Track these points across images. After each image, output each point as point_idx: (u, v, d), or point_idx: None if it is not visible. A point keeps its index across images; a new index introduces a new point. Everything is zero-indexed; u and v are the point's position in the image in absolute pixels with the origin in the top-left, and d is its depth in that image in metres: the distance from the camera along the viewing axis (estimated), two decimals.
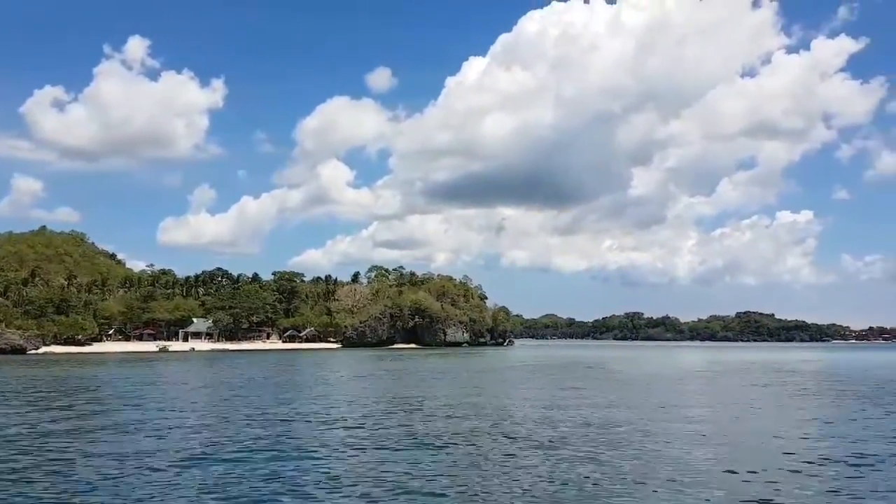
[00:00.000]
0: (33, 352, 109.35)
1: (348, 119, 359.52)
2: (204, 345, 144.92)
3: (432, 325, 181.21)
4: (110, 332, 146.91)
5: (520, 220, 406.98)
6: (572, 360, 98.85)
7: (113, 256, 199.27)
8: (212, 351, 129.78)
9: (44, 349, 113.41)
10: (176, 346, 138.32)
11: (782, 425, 29.57)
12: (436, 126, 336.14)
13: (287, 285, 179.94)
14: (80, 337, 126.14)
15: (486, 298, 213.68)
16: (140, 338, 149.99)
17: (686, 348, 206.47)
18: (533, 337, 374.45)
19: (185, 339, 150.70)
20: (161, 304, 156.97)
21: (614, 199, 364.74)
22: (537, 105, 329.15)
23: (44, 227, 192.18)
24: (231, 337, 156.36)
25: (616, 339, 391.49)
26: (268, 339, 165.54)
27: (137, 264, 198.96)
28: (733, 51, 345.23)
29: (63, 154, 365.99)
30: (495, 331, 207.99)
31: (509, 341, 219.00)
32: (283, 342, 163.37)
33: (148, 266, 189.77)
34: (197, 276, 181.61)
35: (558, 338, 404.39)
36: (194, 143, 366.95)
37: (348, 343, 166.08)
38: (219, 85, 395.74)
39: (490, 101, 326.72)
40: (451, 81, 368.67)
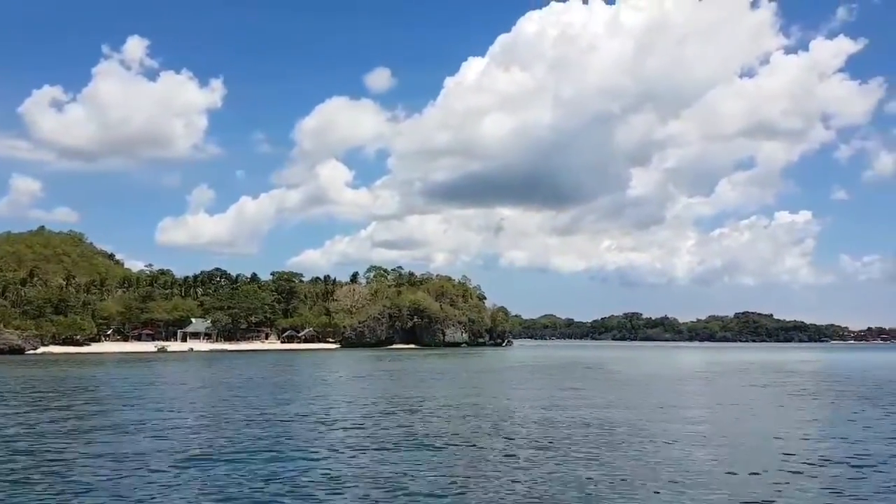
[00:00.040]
0: (32, 352, 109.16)
1: (347, 119, 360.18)
2: (202, 345, 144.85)
3: (431, 326, 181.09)
4: (109, 332, 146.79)
5: (518, 220, 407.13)
6: (571, 361, 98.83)
7: (111, 256, 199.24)
8: (210, 351, 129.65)
9: (42, 349, 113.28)
10: (174, 346, 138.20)
11: (782, 426, 29.55)
12: (434, 126, 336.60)
13: (286, 285, 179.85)
14: (78, 337, 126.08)
15: (485, 299, 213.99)
16: (138, 338, 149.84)
17: (685, 349, 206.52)
18: (532, 337, 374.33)
19: (184, 340, 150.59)
20: (159, 304, 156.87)
21: (613, 200, 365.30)
22: (536, 105, 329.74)
23: (42, 227, 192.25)
24: (230, 337, 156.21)
25: (615, 339, 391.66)
26: (266, 339, 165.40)
27: (136, 264, 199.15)
28: (732, 51, 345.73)
29: (61, 154, 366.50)
30: (494, 331, 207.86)
31: (508, 342, 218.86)
32: (282, 342, 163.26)
33: (146, 266, 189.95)
34: (195, 277, 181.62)
35: (557, 338, 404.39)
36: (193, 143, 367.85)
37: (347, 343, 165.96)
38: (217, 85, 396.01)
39: (489, 101, 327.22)
40: (449, 82, 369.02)
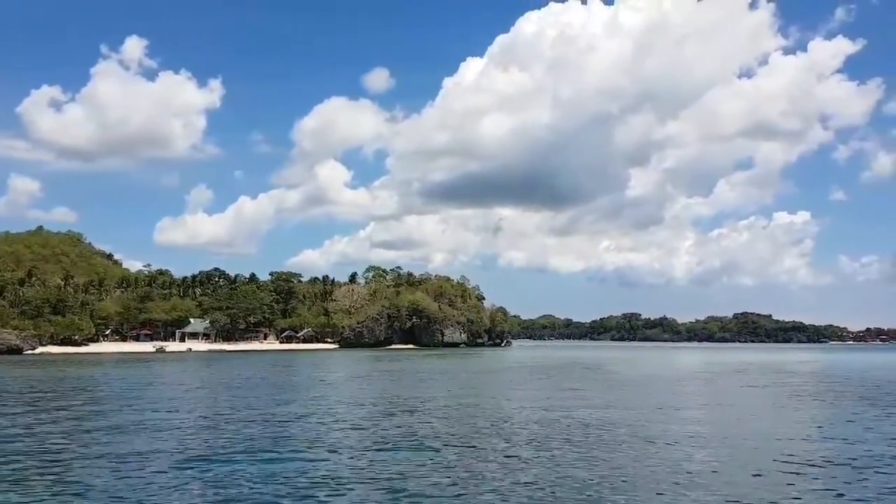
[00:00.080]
0: (30, 352, 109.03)
1: (346, 119, 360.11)
2: (201, 345, 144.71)
3: (430, 326, 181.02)
4: (107, 332, 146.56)
5: (517, 220, 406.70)
6: (570, 361, 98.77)
7: (110, 256, 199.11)
8: (209, 351, 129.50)
9: (40, 349, 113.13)
10: (173, 346, 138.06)
11: (781, 427, 29.49)
12: (433, 127, 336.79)
13: (284, 286, 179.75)
14: (76, 337, 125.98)
15: (484, 299, 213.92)
16: (137, 338, 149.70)
17: (683, 349, 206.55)
18: (530, 337, 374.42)
19: (182, 340, 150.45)
20: (158, 304, 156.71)
21: (612, 200, 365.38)
22: (535, 106, 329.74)
23: (40, 228, 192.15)
24: (228, 337, 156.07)
25: (613, 339, 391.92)
26: (265, 339, 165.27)
27: (134, 264, 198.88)
28: (731, 52, 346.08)
29: (60, 154, 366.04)
30: (493, 331, 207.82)
31: (507, 342, 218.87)
32: (281, 343, 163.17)
33: (145, 266, 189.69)
34: (194, 277, 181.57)
35: (556, 338, 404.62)
36: (191, 143, 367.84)
37: (346, 343, 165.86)
38: (216, 85, 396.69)
39: (487, 101, 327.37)
40: (448, 82, 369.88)
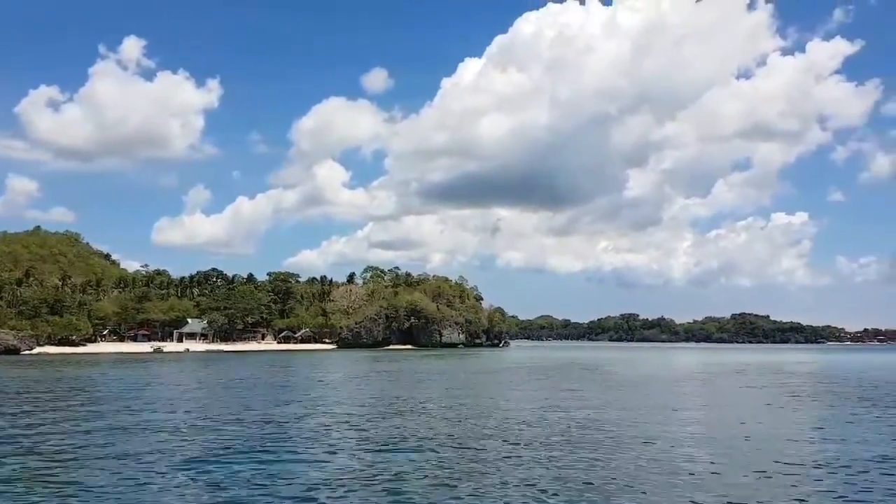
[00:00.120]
0: (27, 352, 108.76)
1: (344, 120, 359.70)
2: (199, 345, 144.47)
3: (428, 326, 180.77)
4: (105, 332, 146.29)
5: (515, 220, 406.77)
6: (568, 362, 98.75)
7: (107, 257, 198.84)
8: (206, 352, 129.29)
9: (38, 350, 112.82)
10: (170, 346, 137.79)
11: (781, 428, 29.46)
12: (431, 127, 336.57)
13: (282, 286, 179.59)
14: (74, 337, 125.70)
15: (482, 299, 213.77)
16: (134, 338, 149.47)
17: (681, 350, 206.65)
18: (528, 338, 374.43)
19: (180, 340, 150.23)
20: (156, 304, 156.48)
21: (610, 201, 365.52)
22: (533, 106, 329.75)
23: (38, 228, 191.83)
24: (226, 338, 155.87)
25: (611, 340, 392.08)
26: (263, 339, 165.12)
27: (132, 265, 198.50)
28: (729, 53, 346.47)
29: (58, 154, 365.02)
30: (491, 332, 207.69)
31: (505, 342, 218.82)
32: (279, 343, 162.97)
33: (142, 266, 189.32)
34: (192, 277, 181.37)
35: (553, 339, 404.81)
36: (189, 143, 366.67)
37: (344, 344, 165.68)
38: (214, 85, 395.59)
39: (486, 102, 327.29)
40: (446, 82, 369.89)
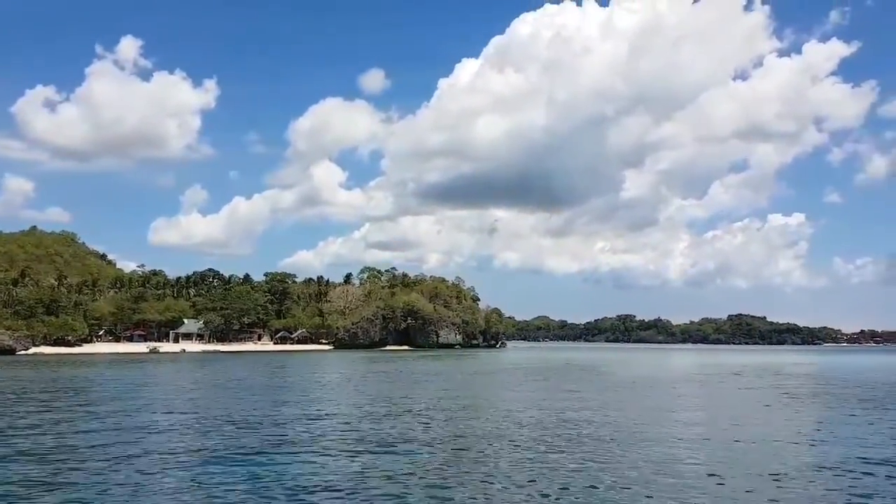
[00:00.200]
0: (23, 352, 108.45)
1: (341, 120, 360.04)
2: (195, 346, 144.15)
3: (425, 327, 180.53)
4: (100, 332, 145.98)
5: (512, 221, 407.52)
6: (566, 363, 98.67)
7: (104, 257, 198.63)
8: (203, 352, 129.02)
9: (33, 350, 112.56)
10: (167, 347, 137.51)
11: (780, 429, 29.35)
12: (428, 127, 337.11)
13: (279, 286, 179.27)
14: (70, 338, 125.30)
15: (479, 300, 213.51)
16: (130, 339, 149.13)
17: (678, 351, 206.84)
18: (525, 339, 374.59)
19: (176, 341, 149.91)
20: (152, 304, 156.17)
21: (606, 202, 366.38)
22: (530, 107, 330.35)
23: (34, 227, 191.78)
24: (222, 338, 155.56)
25: (608, 341, 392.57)
26: (259, 340, 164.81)
27: (128, 265, 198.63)
28: (725, 54, 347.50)
29: (54, 154, 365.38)
30: (488, 332, 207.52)
31: (502, 343, 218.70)
32: (275, 343, 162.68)
33: (139, 266, 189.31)
34: (188, 277, 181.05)
35: (550, 340, 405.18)
36: (186, 143, 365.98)
37: (340, 344, 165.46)
38: (211, 85, 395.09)
39: (482, 102, 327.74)
40: (443, 83, 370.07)
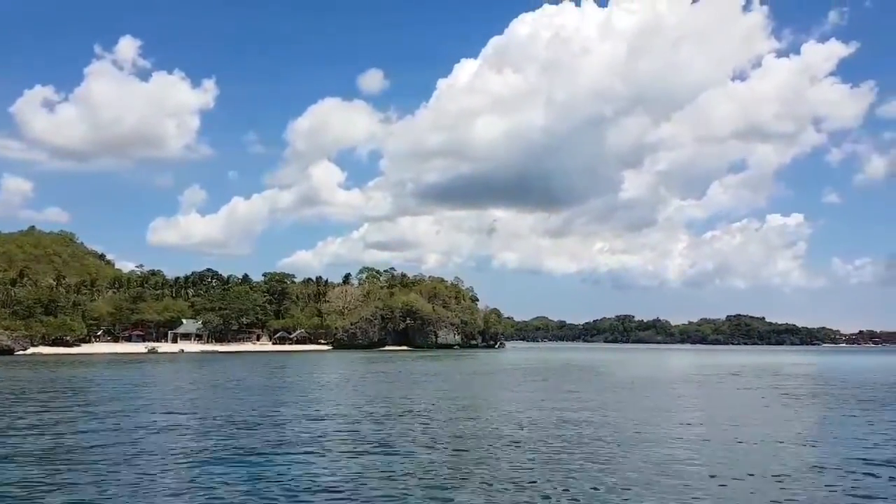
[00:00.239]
0: (21, 353, 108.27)
1: (340, 120, 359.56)
2: (193, 346, 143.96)
3: (424, 327, 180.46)
4: (99, 333, 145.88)
5: (511, 221, 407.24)
6: (565, 363, 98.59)
7: (102, 257, 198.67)
8: (201, 352, 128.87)
9: (32, 350, 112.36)
10: (165, 347, 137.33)
11: (780, 429, 29.26)
12: (427, 128, 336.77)
13: (277, 286, 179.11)
14: (68, 338, 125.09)
15: (478, 300, 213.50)
16: (129, 339, 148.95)
17: (677, 351, 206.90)
18: (524, 339, 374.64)
19: (175, 341, 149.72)
20: (150, 304, 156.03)
21: (605, 202, 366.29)
22: (528, 107, 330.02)
23: (33, 227, 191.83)
24: (221, 338, 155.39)
25: (607, 341, 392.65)
26: (258, 340, 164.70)
27: (127, 265, 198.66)
28: (724, 54, 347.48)
29: (53, 154, 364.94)
30: (487, 333, 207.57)
31: (500, 343, 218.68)
32: (274, 344, 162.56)
33: (137, 267, 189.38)
34: (187, 277, 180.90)
35: (549, 340, 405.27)
36: (185, 143, 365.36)
37: (339, 345, 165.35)
38: (210, 85, 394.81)
39: (481, 103, 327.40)
40: (442, 83, 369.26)
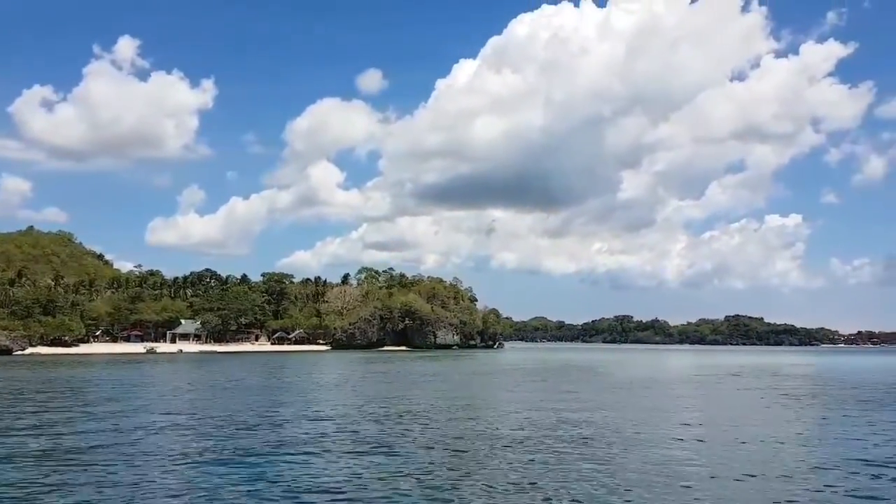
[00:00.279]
0: (19, 353, 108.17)
1: (338, 120, 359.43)
2: (192, 346, 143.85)
3: (422, 328, 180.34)
4: (97, 333, 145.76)
5: (509, 222, 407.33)
6: (564, 364, 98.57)
7: (101, 257, 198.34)
8: (200, 353, 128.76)
9: (30, 350, 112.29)
10: (163, 347, 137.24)
11: (779, 430, 29.25)
12: (426, 128, 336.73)
13: (276, 287, 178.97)
14: (66, 338, 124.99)
15: (476, 301, 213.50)
16: (127, 339, 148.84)
17: (675, 351, 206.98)
18: (522, 339, 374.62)
19: (173, 341, 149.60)
20: (149, 305, 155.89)
21: (603, 202, 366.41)
22: (527, 108, 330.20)
23: (31, 227, 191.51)
24: (219, 339, 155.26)
25: (605, 342, 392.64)
26: (256, 340, 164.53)
27: (125, 265, 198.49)
28: (723, 55, 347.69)
29: (52, 154, 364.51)
30: (485, 333, 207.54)
31: (499, 344, 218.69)
32: (272, 344, 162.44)
33: (136, 267, 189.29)
34: (185, 277, 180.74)
35: (548, 340, 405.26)
36: (184, 143, 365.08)
37: (338, 345, 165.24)
38: (209, 85, 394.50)
39: (480, 103, 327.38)
40: (441, 83, 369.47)
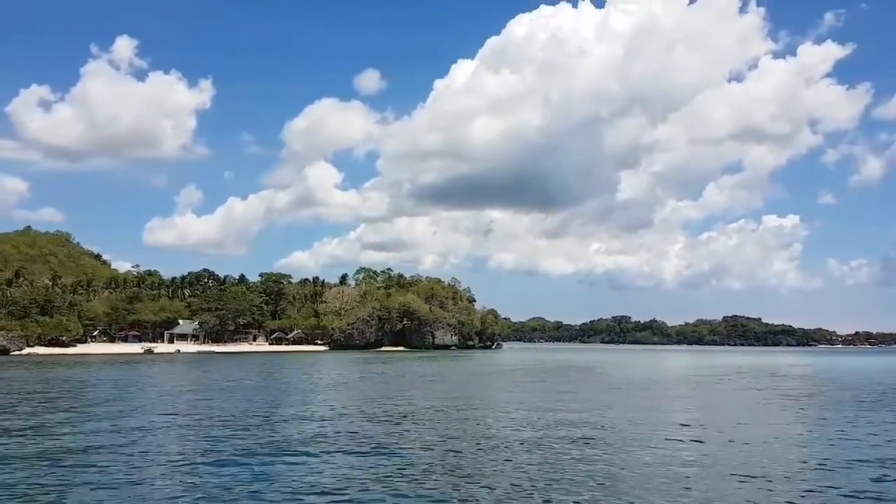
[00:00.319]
0: (17, 353, 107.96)
1: (336, 121, 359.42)
2: (190, 347, 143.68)
3: (420, 328, 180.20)
4: (95, 333, 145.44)
5: (507, 222, 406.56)
6: (562, 364, 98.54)
7: (98, 257, 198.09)
8: (198, 353, 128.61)
9: (27, 350, 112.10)
10: (161, 347, 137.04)
11: (778, 430, 29.22)
12: (424, 128, 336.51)
13: (274, 287, 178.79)
14: (64, 338, 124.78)
15: (475, 301, 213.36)
16: (125, 339, 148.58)
17: (674, 352, 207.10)
18: (520, 340, 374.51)
19: (171, 341, 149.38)
20: (146, 305, 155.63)
21: (601, 203, 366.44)
22: (525, 108, 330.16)
23: (28, 227, 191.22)
24: (217, 339, 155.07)
25: (603, 342, 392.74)
26: (254, 341, 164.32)
27: (123, 265, 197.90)
28: (721, 56, 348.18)
29: (49, 154, 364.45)
30: (483, 333, 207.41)
31: (497, 344, 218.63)
32: (270, 344, 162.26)
33: (133, 267, 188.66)
34: (183, 278, 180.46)
35: (546, 341, 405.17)
36: (181, 143, 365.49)
37: (336, 345, 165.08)
38: (206, 85, 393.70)
39: (478, 103, 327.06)
40: (439, 84, 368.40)
